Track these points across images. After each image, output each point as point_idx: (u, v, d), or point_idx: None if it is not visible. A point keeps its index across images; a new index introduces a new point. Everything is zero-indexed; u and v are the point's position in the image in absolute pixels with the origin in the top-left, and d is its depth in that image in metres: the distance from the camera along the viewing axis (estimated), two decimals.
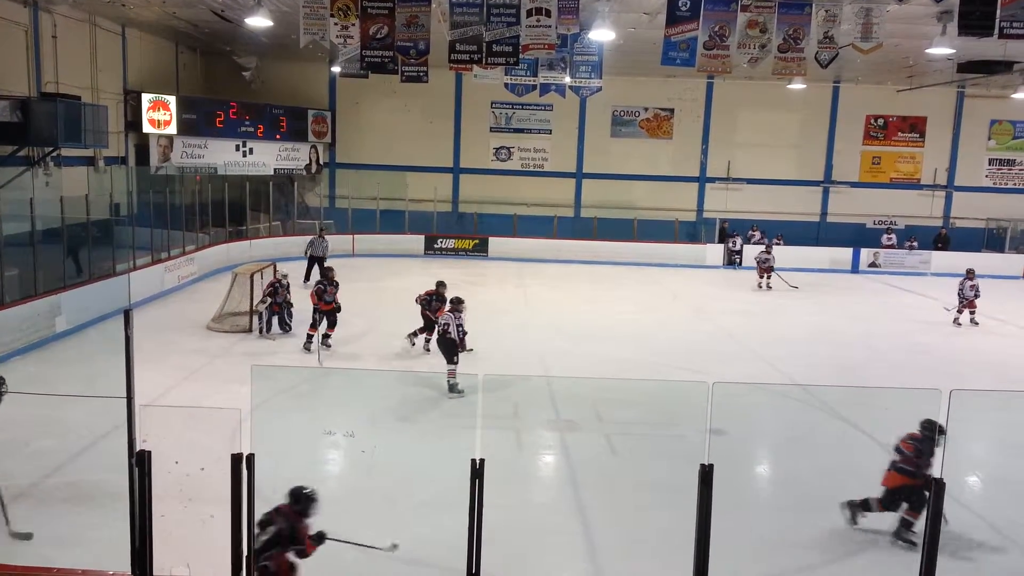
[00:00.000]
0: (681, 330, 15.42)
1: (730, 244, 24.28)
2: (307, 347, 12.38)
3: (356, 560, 6.23)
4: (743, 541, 6.45)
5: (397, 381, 11.04)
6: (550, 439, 9.23)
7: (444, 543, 6.13)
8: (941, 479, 4.77)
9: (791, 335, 15.18)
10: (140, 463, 4.53)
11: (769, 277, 19.83)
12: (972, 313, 16.34)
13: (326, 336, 12.38)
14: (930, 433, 6.54)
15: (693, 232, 25.43)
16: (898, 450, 6.81)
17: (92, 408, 8.56)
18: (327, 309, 12.42)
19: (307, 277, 17.68)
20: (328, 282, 12.65)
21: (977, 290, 16.32)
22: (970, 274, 16.43)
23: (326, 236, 19.09)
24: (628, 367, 12.14)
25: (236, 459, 4.47)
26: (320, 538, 5.25)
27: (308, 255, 18.31)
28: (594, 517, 7.11)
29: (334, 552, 6.34)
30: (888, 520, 6.79)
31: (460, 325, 10.41)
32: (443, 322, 10.63)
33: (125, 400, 4.54)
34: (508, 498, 7.20)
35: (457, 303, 10.65)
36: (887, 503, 6.77)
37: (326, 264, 15.62)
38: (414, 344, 12.66)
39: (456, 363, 10.31)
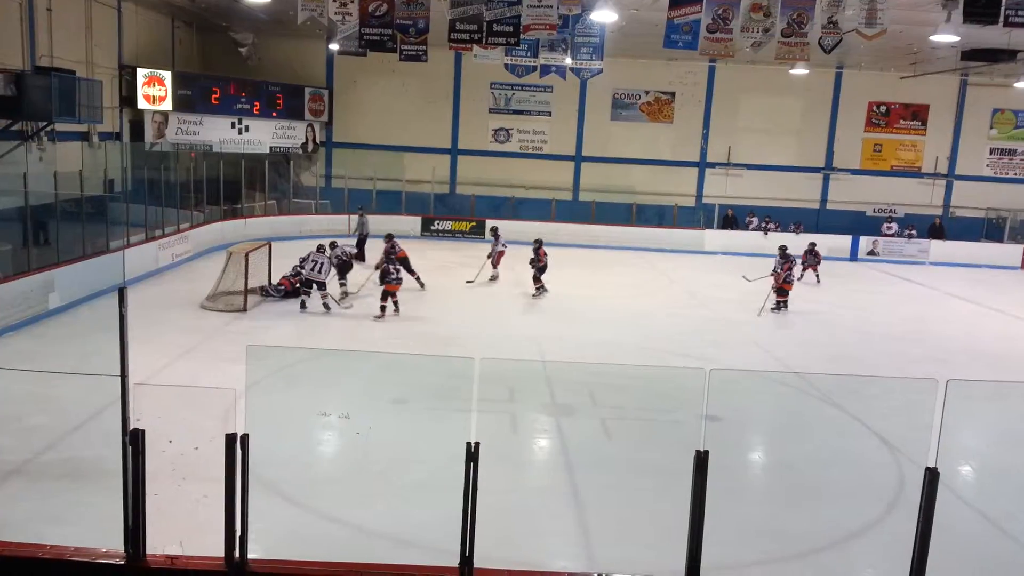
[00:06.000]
0: (678, 315, 15.42)
1: (752, 226, 24.58)
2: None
3: (350, 539, 6.25)
4: (736, 527, 6.46)
5: (393, 362, 11.02)
6: (545, 423, 9.24)
7: (437, 525, 6.11)
8: (935, 468, 4.77)
9: (786, 321, 15.19)
10: (134, 441, 4.49)
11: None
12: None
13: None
14: None
15: (692, 217, 25.38)
16: None
17: (85, 385, 8.55)
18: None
19: (360, 256, 18.34)
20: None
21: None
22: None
23: (365, 216, 20.29)
24: (623, 351, 12.13)
25: (230, 439, 4.44)
26: None
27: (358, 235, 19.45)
28: (588, 501, 7.13)
29: (327, 528, 6.36)
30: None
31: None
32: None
33: (119, 378, 4.51)
34: (502, 481, 7.20)
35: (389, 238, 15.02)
36: None
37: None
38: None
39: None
